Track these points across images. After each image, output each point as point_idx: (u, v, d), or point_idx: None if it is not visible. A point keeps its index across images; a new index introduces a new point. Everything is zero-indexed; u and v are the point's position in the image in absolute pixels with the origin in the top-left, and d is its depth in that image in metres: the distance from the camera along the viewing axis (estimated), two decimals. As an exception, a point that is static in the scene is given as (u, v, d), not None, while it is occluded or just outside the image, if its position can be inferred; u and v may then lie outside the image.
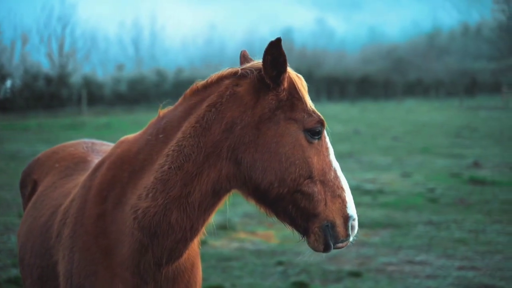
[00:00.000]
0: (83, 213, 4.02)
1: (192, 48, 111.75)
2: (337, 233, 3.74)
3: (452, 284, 9.22)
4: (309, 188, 3.72)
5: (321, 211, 3.72)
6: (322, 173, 3.77)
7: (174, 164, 3.78)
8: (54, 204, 4.55)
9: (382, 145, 28.82)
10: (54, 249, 4.23)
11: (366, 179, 18.83)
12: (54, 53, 69.49)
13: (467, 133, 34.68)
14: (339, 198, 3.76)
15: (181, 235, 3.84)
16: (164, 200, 3.78)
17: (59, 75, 64.06)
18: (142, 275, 3.88)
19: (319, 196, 3.73)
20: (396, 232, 12.26)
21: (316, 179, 3.73)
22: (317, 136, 3.80)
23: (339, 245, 3.79)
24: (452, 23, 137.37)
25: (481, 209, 14.21)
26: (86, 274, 3.89)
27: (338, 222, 3.73)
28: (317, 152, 3.80)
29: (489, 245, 11.21)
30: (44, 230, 4.44)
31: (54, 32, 71.95)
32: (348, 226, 3.76)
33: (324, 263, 10.24)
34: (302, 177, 3.72)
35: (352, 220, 3.77)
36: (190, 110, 3.89)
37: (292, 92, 3.81)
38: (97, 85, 67.52)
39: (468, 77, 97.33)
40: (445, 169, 20.97)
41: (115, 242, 3.89)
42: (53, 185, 4.86)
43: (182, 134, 3.82)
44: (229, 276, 9.64)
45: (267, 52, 3.69)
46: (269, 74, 3.74)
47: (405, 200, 15.44)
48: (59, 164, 5.12)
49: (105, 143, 5.58)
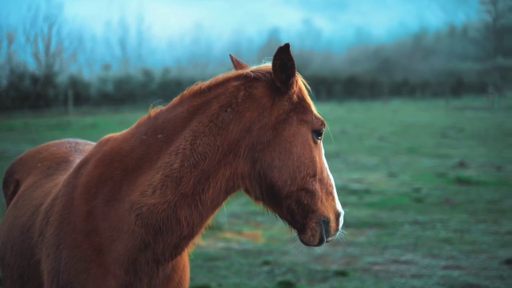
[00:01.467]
0: (70, 211, 4.02)
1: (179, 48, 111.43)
2: (330, 228, 3.97)
3: (437, 283, 9.27)
4: (312, 186, 3.94)
5: (319, 208, 3.94)
6: (321, 171, 4.01)
7: (187, 162, 3.85)
8: (35, 203, 4.55)
9: (369, 145, 28.89)
10: (36, 248, 4.23)
11: (352, 179, 18.88)
12: (40, 53, 69.26)
13: (453, 133, 34.80)
14: (331, 195, 4.02)
15: (188, 231, 3.90)
16: (174, 197, 3.84)
17: (45, 74, 63.84)
18: (136, 272, 3.91)
19: (318, 193, 3.95)
20: (382, 232, 12.31)
21: (317, 177, 3.96)
22: (320, 136, 4.07)
23: (329, 239, 4.02)
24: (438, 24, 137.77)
25: (467, 209, 14.28)
26: (76, 272, 3.89)
27: (331, 217, 3.97)
28: (319, 152, 4.06)
29: (474, 244, 11.26)
30: (25, 229, 4.43)
31: (40, 32, 71.75)
32: (339, 222, 4.03)
33: (310, 263, 10.27)
34: (309, 175, 3.93)
35: (341, 216, 4.04)
36: (195, 110, 3.96)
37: (302, 95, 4.03)
38: (83, 85, 67.34)
39: (454, 77, 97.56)
40: (431, 169, 21.04)
41: (108, 239, 3.90)
42: (34, 185, 4.85)
43: (192, 133, 3.89)
44: (215, 276, 9.65)
45: (276, 57, 3.86)
46: (279, 78, 3.92)
47: (391, 200, 15.49)
48: (41, 164, 5.11)
49: (89, 142, 5.57)
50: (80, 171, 4.16)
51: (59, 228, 4.04)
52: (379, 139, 32.04)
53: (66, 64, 73.30)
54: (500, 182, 17.97)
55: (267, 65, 4.05)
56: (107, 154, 4.07)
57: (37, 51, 69.38)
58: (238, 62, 4.30)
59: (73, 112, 56.78)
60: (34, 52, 69.25)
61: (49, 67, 67.14)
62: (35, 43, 70.21)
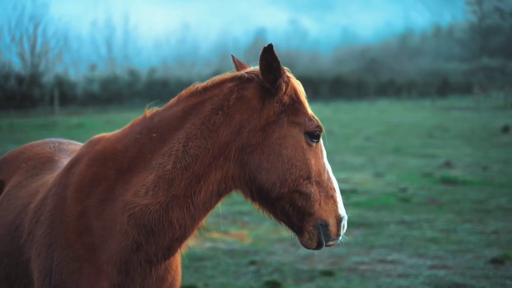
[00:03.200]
0: (62, 210, 4.01)
1: (165, 48, 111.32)
2: (330, 232, 3.91)
3: (424, 282, 9.30)
4: (307, 188, 3.89)
5: (316, 211, 3.88)
6: (318, 174, 3.96)
7: (179, 164, 3.85)
8: (21, 203, 4.53)
9: (355, 145, 28.94)
10: (25, 247, 4.21)
11: (339, 179, 18.62)
12: (26, 53, 68.75)
13: (439, 133, 34.91)
14: (331, 198, 3.96)
15: (180, 233, 3.90)
16: (166, 198, 3.84)
17: (31, 74, 63.51)
18: (129, 272, 3.90)
19: (315, 196, 3.90)
20: (368, 232, 12.33)
21: (313, 180, 3.91)
22: (316, 139, 3.98)
23: (330, 243, 3.96)
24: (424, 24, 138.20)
25: (453, 209, 14.33)
26: (68, 271, 3.89)
27: (331, 221, 3.91)
28: (315, 154, 3.98)
29: (460, 244, 11.30)
30: (12, 229, 4.41)
31: (26, 31, 71.23)
32: (341, 226, 3.97)
33: (297, 263, 10.27)
34: (302, 177, 3.89)
35: (344, 220, 3.98)
36: (190, 110, 3.95)
37: (294, 97, 3.99)
38: (69, 85, 67.08)
39: (440, 77, 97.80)
40: (417, 169, 21.11)
41: (100, 239, 3.89)
42: (19, 185, 4.83)
43: (185, 135, 3.89)
44: (202, 276, 9.64)
45: (261, 58, 3.84)
46: (266, 79, 3.90)
47: (378, 200, 15.52)
48: (26, 164, 5.08)
49: (72, 142, 5.56)
50: (71, 171, 4.14)
51: (50, 227, 4.02)
52: (366, 139, 32.11)
53: (52, 64, 72.89)
54: (485, 182, 18.05)
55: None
56: (100, 153, 4.06)
57: (22, 51, 68.95)
58: (240, 62, 4.28)
59: (59, 112, 56.57)
60: (19, 52, 68.82)
61: (34, 67, 66.76)
62: (20, 43, 69.77)
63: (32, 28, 71.81)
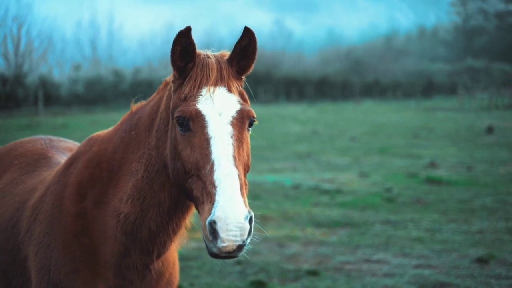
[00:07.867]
0: (60, 210, 3.99)
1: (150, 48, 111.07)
2: (204, 237, 3.31)
3: (409, 282, 9.31)
4: (188, 184, 3.47)
5: (200, 212, 3.40)
6: (196, 167, 3.39)
7: (145, 173, 3.80)
8: (18, 200, 4.50)
9: (340, 146, 28.96)
10: (23, 244, 4.19)
11: (324, 179, 18.92)
12: (9, 53, 68.47)
13: (424, 133, 35.00)
14: (209, 196, 3.29)
15: (164, 239, 3.89)
16: (141, 207, 3.80)
17: (14, 75, 63.15)
18: (124, 275, 3.88)
19: (197, 193, 3.39)
20: (353, 231, 12.34)
21: (192, 174, 3.42)
22: (181, 127, 3.50)
23: (219, 254, 3.27)
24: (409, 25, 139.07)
25: (438, 209, 14.36)
26: (66, 272, 3.89)
27: (203, 225, 3.29)
28: (188, 144, 3.46)
29: (445, 243, 11.33)
30: (9, 226, 4.39)
31: (9, 32, 70.90)
32: (216, 230, 3.20)
33: (282, 262, 10.26)
34: (180, 171, 3.51)
35: (220, 223, 3.18)
36: (157, 108, 3.87)
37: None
38: (53, 86, 66.79)
39: (424, 78, 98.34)
40: (402, 169, 21.15)
41: (96, 241, 3.89)
42: (13, 182, 4.80)
43: (150, 140, 3.81)
44: (188, 276, 9.61)
45: (176, 42, 3.55)
46: (177, 65, 3.62)
47: (363, 200, 15.54)
48: (18, 160, 5.05)
49: (62, 139, 5.54)
50: (69, 170, 4.12)
51: (49, 227, 4.01)
52: (351, 139, 32.14)
53: (36, 64, 72.66)
54: (470, 182, 18.10)
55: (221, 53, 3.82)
56: (96, 155, 4.05)
57: (6, 52, 68.63)
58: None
59: (44, 113, 56.26)
60: (3, 52, 68.50)
61: (18, 67, 66.46)
62: (4, 43, 69.42)
63: (16, 28, 71.51)
